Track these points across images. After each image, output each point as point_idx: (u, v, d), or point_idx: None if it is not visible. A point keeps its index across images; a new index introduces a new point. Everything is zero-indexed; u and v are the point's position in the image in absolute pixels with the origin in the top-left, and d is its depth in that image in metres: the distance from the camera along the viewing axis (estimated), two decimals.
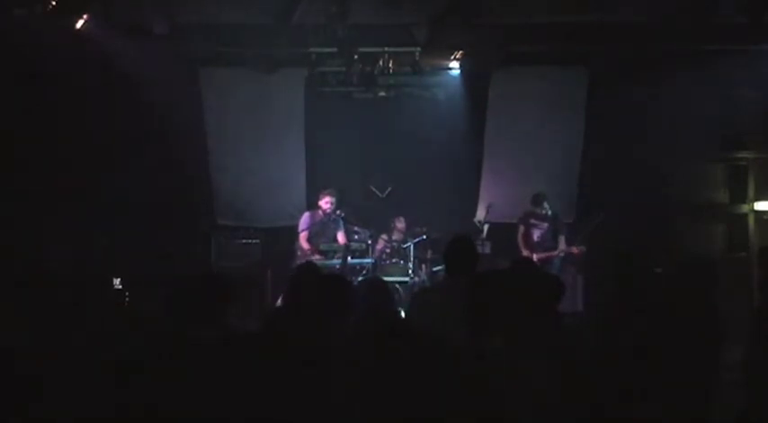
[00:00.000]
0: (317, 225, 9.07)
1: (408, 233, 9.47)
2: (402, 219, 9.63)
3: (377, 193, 10.05)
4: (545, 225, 9.08)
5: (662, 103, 9.62)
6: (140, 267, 8.37)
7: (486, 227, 9.63)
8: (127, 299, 7.45)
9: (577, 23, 8.92)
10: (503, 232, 9.65)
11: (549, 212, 9.04)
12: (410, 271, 9.06)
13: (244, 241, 9.84)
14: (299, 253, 9.03)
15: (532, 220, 9.12)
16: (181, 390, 3.17)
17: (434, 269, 9.14)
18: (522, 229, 9.20)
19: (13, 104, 8.75)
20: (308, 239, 9.04)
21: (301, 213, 9.31)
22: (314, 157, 10.23)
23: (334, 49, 9.18)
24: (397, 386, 3.05)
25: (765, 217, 10.52)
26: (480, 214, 9.98)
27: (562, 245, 9.01)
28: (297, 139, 10.24)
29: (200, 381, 3.19)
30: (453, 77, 10.30)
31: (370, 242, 9.08)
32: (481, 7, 8.32)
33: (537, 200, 9.04)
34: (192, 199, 9.99)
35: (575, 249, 8.90)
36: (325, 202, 9.00)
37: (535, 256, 8.81)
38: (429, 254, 9.19)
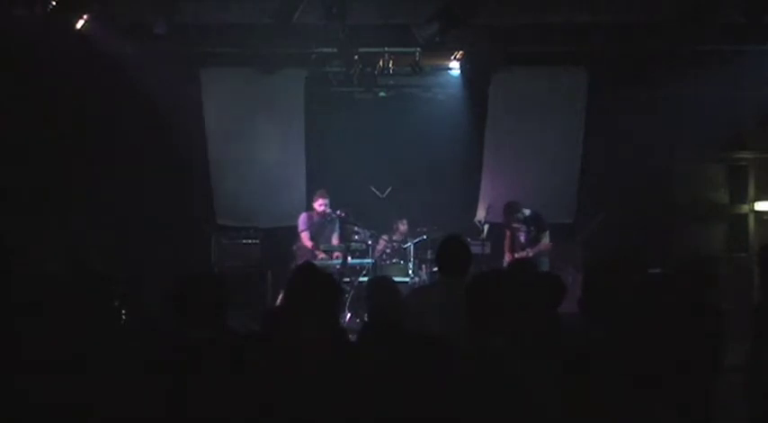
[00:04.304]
0: (315, 226, 9.12)
1: (410, 234, 9.50)
2: (405, 221, 9.64)
3: (377, 193, 10.04)
4: (525, 227, 9.03)
5: (662, 103, 9.62)
6: (140, 268, 8.38)
7: (486, 227, 9.62)
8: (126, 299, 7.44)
9: (577, 23, 8.92)
10: (503, 232, 9.65)
11: (529, 213, 8.97)
12: (410, 271, 9.07)
13: (244, 241, 9.85)
14: (299, 253, 9.04)
15: (515, 225, 9.05)
16: (180, 390, 3.17)
17: (434, 269, 9.13)
18: (507, 233, 9.19)
19: (13, 104, 8.75)
20: (310, 239, 9.09)
21: (301, 214, 9.34)
22: (314, 157, 10.23)
23: (335, 50, 9.18)
24: (399, 385, 3.05)
25: (765, 217, 10.52)
26: (480, 214, 9.97)
27: (546, 240, 8.94)
28: (297, 139, 10.23)
29: (200, 381, 3.19)
30: (453, 77, 10.31)
31: (370, 242, 9.10)
32: (481, 7, 8.32)
33: (509, 209, 8.91)
34: (192, 199, 9.99)
35: (543, 245, 8.84)
36: (319, 205, 9.05)
37: (515, 256, 8.78)
38: (429, 254, 9.19)
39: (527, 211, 8.92)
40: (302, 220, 9.18)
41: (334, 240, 9.22)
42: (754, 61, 9.18)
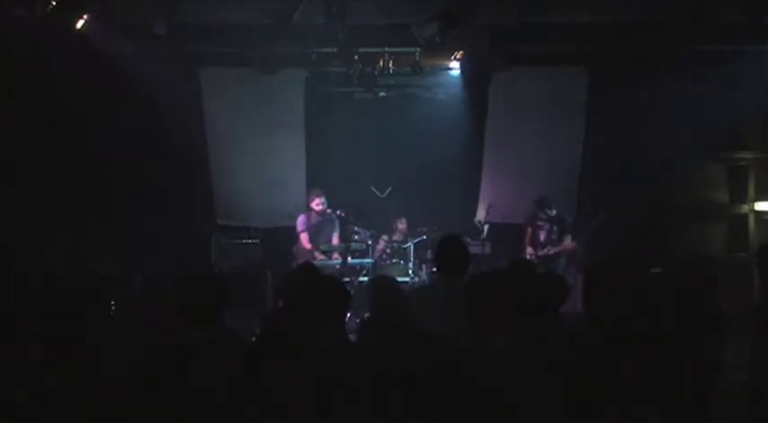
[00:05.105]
0: (314, 226, 9.11)
1: (409, 234, 9.50)
2: (404, 220, 9.64)
3: (377, 193, 10.03)
4: (548, 225, 9.11)
5: (662, 103, 9.62)
6: (140, 268, 8.38)
7: (486, 227, 9.63)
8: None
9: (577, 23, 8.92)
10: (503, 232, 9.66)
11: (554, 212, 9.08)
12: (410, 271, 9.07)
13: (244, 241, 9.85)
14: (299, 254, 9.03)
15: (538, 222, 9.16)
16: (180, 391, 3.17)
17: (434, 269, 9.13)
18: (529, 230, 9.25)
19: (13, 104, 8.75)
20: (309, 240, 9.08)
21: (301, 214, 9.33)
22: (314, 157, 10.22)
23: (335, 50, 9.18)
24: (400, 384, 3.05)
25: (765, 217, 10.52)
26: (480, 214, 9.97)
27: (568, 241, 9.04)
28: (297, 139, 10.22)
29: (199, 382, 3.19)
30: (453, 77, 10.31)
31: (370, 242, 9.10)
32: (481, 7, 8.32)
33: (541, 204, 9.09)
34: (192, 199, 9.99)
35: (568, 245, 8.97)
36: (316, 204, 9.05)
37: (538, 253, 8.92)
38: (429, 254, 9.18)
39: (554, 211, 9.02)
40: (300, 221, 9.18)
41: (335, 240, 9.21)
42: (754, 61, 9.17)
